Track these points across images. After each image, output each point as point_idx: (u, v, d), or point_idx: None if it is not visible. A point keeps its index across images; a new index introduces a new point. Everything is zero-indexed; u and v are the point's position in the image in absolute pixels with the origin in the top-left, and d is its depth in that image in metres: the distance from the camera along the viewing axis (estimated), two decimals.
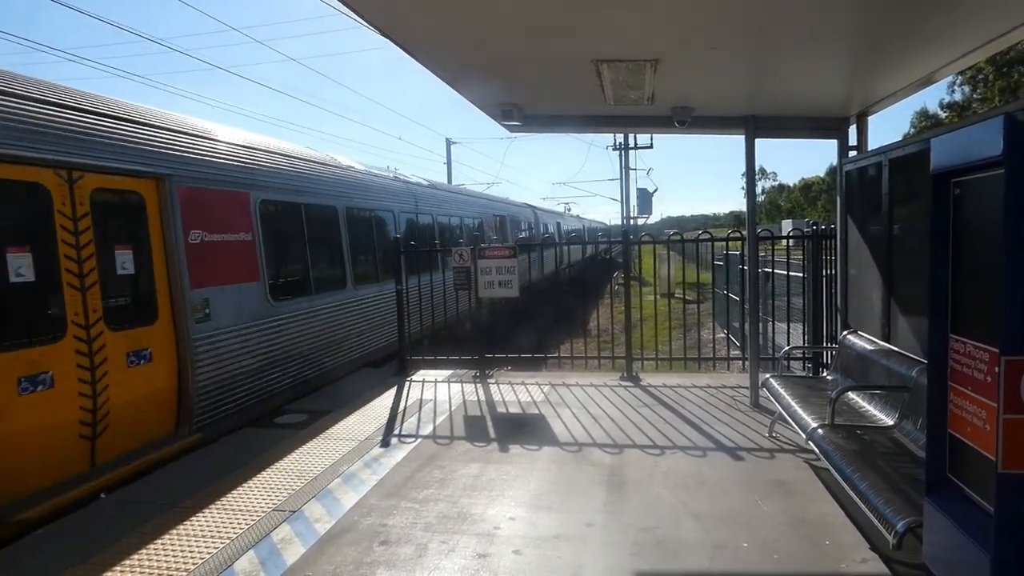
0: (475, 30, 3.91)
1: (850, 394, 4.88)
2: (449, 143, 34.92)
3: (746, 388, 6.54)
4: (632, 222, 35.85)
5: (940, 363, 2.32)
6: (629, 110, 6.02)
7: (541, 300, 16.21)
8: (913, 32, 3.88)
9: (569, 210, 53.36)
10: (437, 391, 7.23)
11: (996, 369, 1.97)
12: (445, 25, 3.81)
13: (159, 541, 3.78)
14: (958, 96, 35.39)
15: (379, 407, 6.64)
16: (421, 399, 6.89)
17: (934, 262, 2.33)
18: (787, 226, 21.99)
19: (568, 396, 6.82)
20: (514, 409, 6.47)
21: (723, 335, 12.36)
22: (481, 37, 4.07)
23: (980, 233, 2.18)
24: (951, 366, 2.29)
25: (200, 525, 3.99)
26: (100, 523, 4.08)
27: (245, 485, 4.61)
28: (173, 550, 3.67)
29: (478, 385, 7.47)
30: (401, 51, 4.17)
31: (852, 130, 6.04)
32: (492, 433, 5.72)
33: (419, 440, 5.56)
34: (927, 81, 4.98)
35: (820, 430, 4.14)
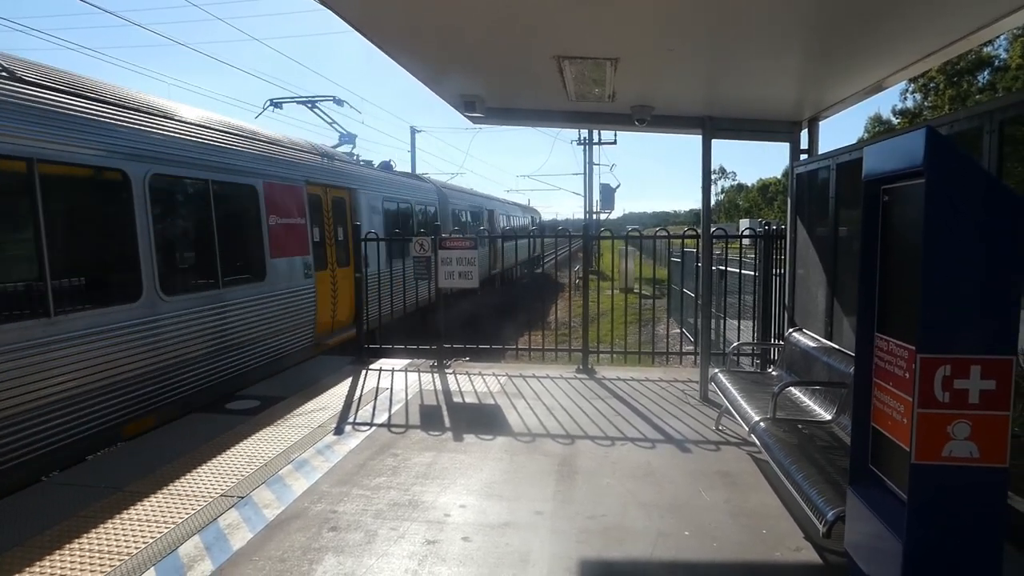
0: (438, 21, 3.91)
1: (792, 389, 5.06)
2: (414, 131, 34.48)
3: (697, 382, 6.72)
4: (595, 217, 36.06)
5: (865, 360, 2.45)
6: (591, 107, 6.09)
7: None
8: (861, 42, 4.03)
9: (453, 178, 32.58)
10: (394, 380, 7.23)
11: (913, 365, 2.10)
12: (409, 15, 3.81)
13: (101, 525, 3.73)
14: (910, 103, 36.56)
15: (334, 395, 6.62)
16: (377, 387, 6.89)
17: (863, 264, 2.45)
18: (744, 225, 22.42)
19: (524, 387, 6.90)
20: (470, 399, 6.52)
21: (678, 331, 12.61)
22: (444, 29, 4.07)
23: (904, 237, 2.31)
24: (875, 363, 2.42)
25: (144, 510, 3.93)
26: (40, 506, 3.99)
27: (193, 471, 4.56)
28: (115, 534, 3.62)
29: (436, 375, 7.50)
30: (364, 39, 4.14)
31: (804, 134, 6.23)
32: (447, 422, 5.76)
33: (373, 428, 5.57)
34: (876, 88, 5.17)
35: (762, 423, 4.29)
